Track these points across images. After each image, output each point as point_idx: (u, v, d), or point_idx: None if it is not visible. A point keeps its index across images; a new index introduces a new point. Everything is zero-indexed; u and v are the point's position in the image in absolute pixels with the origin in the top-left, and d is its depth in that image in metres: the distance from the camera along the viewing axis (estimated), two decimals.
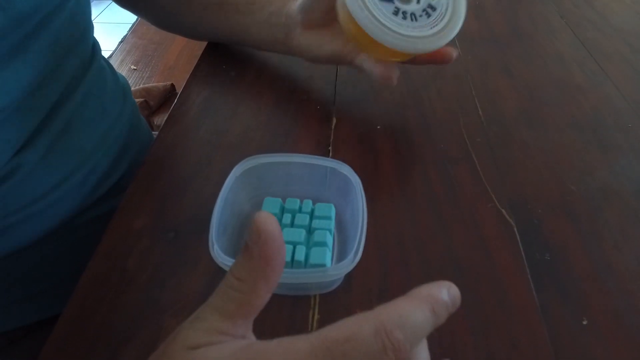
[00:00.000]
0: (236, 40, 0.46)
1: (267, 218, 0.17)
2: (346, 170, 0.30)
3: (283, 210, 0.31)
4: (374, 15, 0.34)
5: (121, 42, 1.12)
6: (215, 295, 0.18)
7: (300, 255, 0.28)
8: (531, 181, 0.37)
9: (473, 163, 0.38)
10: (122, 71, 1.06)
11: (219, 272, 0.30)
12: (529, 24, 0.60)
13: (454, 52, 0.37)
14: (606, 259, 0.31)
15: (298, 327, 0.28)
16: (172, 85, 0.92)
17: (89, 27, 0.40)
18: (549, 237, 0.33)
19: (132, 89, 0.95)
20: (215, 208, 0.28)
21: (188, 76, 0.49)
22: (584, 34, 0.57)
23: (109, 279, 0.30)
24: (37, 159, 0.35)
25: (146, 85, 0.92)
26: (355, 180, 0.30)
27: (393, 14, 0.34)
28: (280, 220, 0.31)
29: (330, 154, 0.38)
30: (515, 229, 0.33)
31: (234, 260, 0.25)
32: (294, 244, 0.29)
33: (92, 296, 0.30)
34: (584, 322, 0.28)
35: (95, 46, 0.42)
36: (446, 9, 0.35)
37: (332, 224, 0.30)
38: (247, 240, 0.17)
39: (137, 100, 0.82)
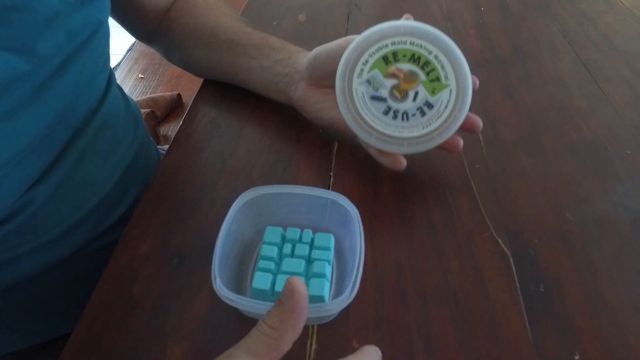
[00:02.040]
0: (239, 82, 0.46)
1: (299, 281, 0.22)
2: (345, 202, 0.31)
3: (284, 239, 0.32)
4: (360, 115, 0.33)
5: (129, 50, 1.14)
6: (248, 338, 0.21)
7: None
8: (528, 209, 0.38)
9: (472, 190, 0.39)
10: (130, 80, 1.07)
11: (221, 300, 0.31)
12: (532, 43, 0.60)
13: (460, 144, 0.35)
14: (600, 292, 0.32)
15: (295, 356, 0.29)
16: (179, 95, 0.93)
17: (107, 58, 0.41)
18: (544, 268, 0.33)
19: (139, 98, 0.96)
20: (217, 240, 0.29)
21: (194, 85, 0.50)
22: (586, 55, 0.58)
23: (115, 304, 0.31)
24: (49, 192, 0.35)
25: (153, 95, 0.93)
26: (354, 212, 0.31)
27: (383, 113, 0.33)
28: (280, 249, 0.32)
29: (332, 179, 0.39)
30: (511, 260, 0.34)
31: (234, 295, 0.26)
32: (294, 275, 0.30)
33: (99, 321, 0.31)
34: (576, 357, 0.28)
35: (110, 74, 0.42)
36: (445, 106, 0.33)
37: (331, 255, 0.31)
38: (280, 296, 0.22)
39: (143, 111, 0.83)
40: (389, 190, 0.38)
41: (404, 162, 0.36)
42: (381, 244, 0.34)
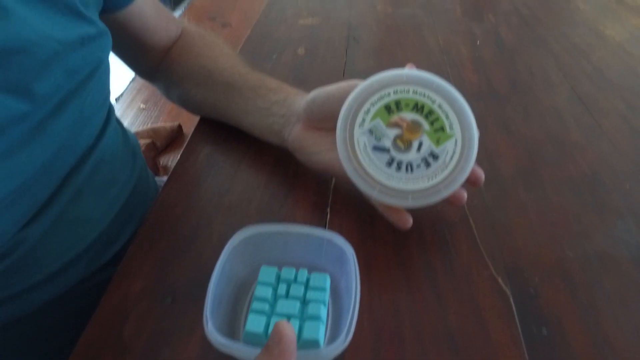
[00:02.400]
0: (234, 123, 0.45)
1: (287, 326, 0.22)
2: (341, 242, 0.31)
3: (279, 279, 0.31)
4: (362, 167, 0.32)
5: (132, 81, 1.16)
6: None
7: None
8: (528, 246, 0.37)
9: (470, 227, 0.38)
10: (132, 110, 1.09)
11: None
12: (528, 76, 0.61)
13: (464, 196, 0.34)
14: (605, 334, 0.31)
15: None
16: (180, 126, 0.94)
17: (108, 94, 0.40)
18: (546, 308, 0.32)
19: (140, 129, 0.97)
20: (211, 281, 0.29)
21: (195, 117, 0.50)
22: (581, 89, 0.58)
23: (104, 347, 0.31)
24: (42, 231, 0.35)
25: (154, 125, 0.94)
26: (350, 252, 0.30)
27: (386, 164, 0.32)
28: (275, 290, 0.31)
29: (328, 216, 0.39)
30: (511, 300, 0.33)
31: (226, 340, 0.26)
32: (288, 317, 0.29)
33: None
34: None
35: (110, 109, 0.42)
36: (451, 157, 0.31)
37: (327, 296, 0.31)
38: (269, 341, 0.22)
39: (144, 141, 0.84)
40: (386, 228, 0.38)
41: (410, 221, 0.34)
42: (378, 284, 0.34)
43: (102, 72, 0.36)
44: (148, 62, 0.49)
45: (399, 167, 0.32)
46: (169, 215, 0.39)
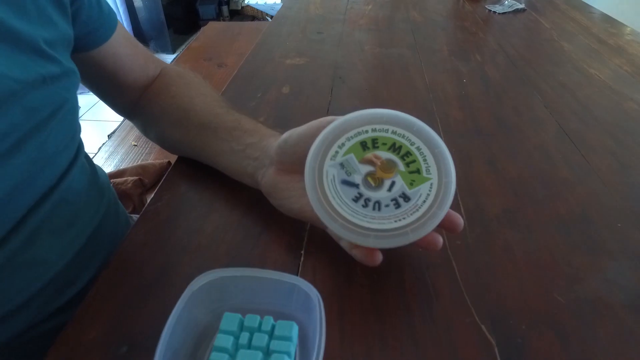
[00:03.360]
0: (210, 164, 0.45)
1: None
2: (308, 288, 0.29)
3: (242, 327, 0.29)
4: (327, 198, 0.30)
5: (125, 119, 1.17)
6: None
7: None
8: (514, 290, 0.35)
9: (452, 270, 0.36)
10: (123, 147, 1.08)
11: None
12: (514, 114, 0.61)
13: (439, 242, 0.32)
14: None
15: None
16: (169, 163, 0.93)
17: (75, 134, 0.39)
18: (534, 359, 0.30)
19: (129, 165, 0.97)
20: (164, 330, 0.26)
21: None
22: (568, 125, 0.58)
23: None
24: None
25: (143, 162, 0.93)
26: (315, 297, 0.28)
27: (353, 199, 0.30)
28: (237, 338, 0.28)
29: (302, 258, 0.37)
30: (496, 350, 0.30)
31: None
32: None
33: None
34: None
35: (79, 147, 0.41)
36: (424, 201, 0.30)
37: (293, 346, 0.28)
38: None
39: (131, 178, 0.83)
40: (362, 270, 0.35)
41: (378, 257, 0.32)
42: (351, 331, 0.31)
43: (66, 112, 0.35)
44: (125, 100, 0.48)
45: (366, 204, 0.30)
46: (135, 257, 0.37)
